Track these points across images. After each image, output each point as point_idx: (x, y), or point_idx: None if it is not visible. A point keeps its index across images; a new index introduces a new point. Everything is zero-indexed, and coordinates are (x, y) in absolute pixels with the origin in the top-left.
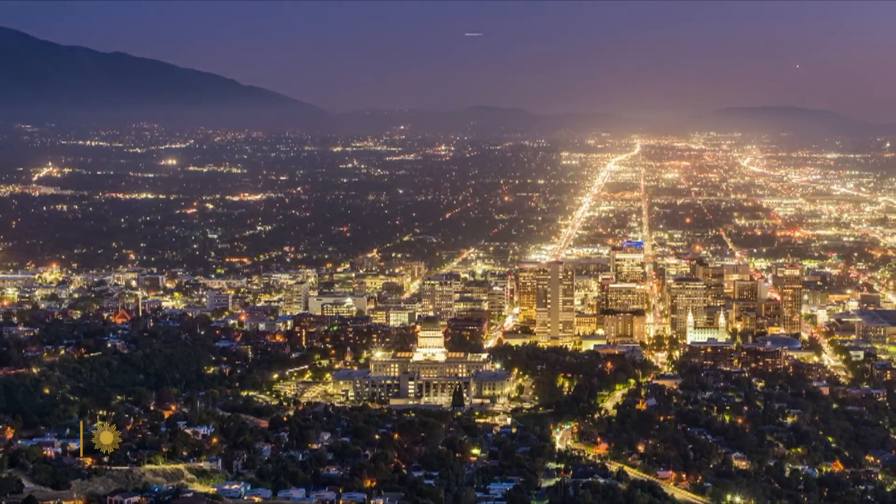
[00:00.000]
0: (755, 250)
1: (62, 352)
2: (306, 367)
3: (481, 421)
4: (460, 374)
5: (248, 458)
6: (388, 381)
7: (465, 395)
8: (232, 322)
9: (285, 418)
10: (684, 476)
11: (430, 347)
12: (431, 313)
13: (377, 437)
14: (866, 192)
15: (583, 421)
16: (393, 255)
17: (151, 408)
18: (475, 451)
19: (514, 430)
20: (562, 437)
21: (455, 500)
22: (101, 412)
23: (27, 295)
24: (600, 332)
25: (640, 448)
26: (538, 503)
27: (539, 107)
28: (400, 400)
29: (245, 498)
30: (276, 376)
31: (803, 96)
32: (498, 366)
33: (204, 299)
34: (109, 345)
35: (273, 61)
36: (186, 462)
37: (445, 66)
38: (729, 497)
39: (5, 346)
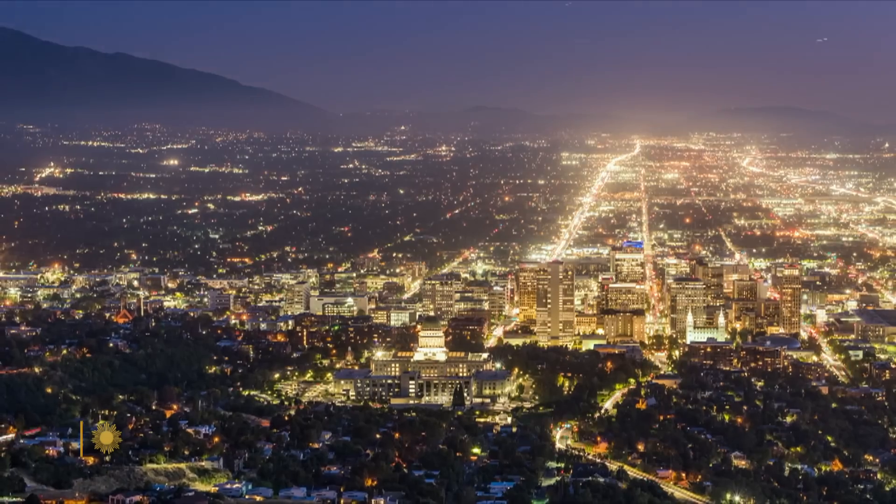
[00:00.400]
0: (754, 250)
1: (64, 351)
2: (307, 366)
3: (482, 420)
4: (461, 374)
5: (250, 458)
6: (389, 381)
7: (465, 394)
8: (233, 322)
9: (286, 417)
10: (684, 475)
11: (431, 347)
12: (432, 313)
13: (378, 436)
14: (865, 192)
15: (583, 420)
16: (394, 255)
17: (153, 407)
18: (476, 450)
19: (514, 430)
20: (562, 437)
21: (455, 499)
22: (102, 412)
23: (29, 295)
24: (600, 331)
25: (640, 447)
26: (538, 502)
27: (539, 107)
28: (401, 399)
29: (246, 497)
30: (277, 376)
31: (803, 96)
32: (498, 365)
33: (205, 299)
34: (111, 344)
35: (274, 62)
36: (188, 461)
37: (445, 66)
38: (728, 496)
39: (8, 346)
